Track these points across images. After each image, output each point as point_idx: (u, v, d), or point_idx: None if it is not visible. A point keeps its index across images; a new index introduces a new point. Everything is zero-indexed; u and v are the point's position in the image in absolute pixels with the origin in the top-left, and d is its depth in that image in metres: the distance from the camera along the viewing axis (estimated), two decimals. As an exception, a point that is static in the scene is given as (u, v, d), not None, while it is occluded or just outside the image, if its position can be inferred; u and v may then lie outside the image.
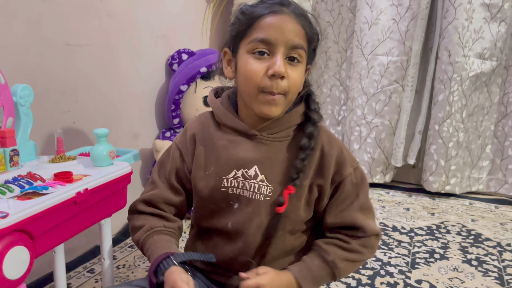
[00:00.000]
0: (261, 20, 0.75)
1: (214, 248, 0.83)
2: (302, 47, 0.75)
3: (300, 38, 0.75)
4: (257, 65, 0.74)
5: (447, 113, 1.97)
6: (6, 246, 0.63)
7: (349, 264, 0.82)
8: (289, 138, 0.81)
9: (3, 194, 0.70)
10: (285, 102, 0.76)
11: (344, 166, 0.80)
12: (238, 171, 0.79)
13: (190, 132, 0.85)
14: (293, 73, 0.75)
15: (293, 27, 0.74)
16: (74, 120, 1.37)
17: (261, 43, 0.74)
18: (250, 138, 0.80)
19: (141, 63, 1.67)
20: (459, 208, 1.96)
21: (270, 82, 0.73)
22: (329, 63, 2.32)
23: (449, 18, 1.89)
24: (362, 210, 0.82)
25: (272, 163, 0.79)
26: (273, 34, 0.73)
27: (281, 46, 0.73)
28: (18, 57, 1.16)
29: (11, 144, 0.84)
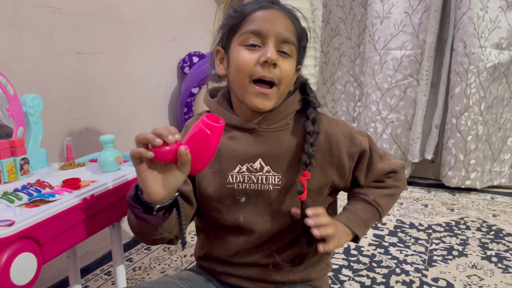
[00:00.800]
0: (252, 14, 0.77)
1: (226, 245, 0.83)
2: (293, 42, 0.77)
3: (290, 33, 0.77)
4: (249, 55, 0.75)
5: (464, 106, 1.92)
6: (13, 253, 0.65)
7: (389, 198, 0.86)
8: (288, 126, 0.81)
9: (12, 202, 0.73)
10: (277, 94, 0.77)
11: (354, 136, 0.82)
12: (242, 166, 0.80)
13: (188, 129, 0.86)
14: (285, 63, 0.76)
15: (284, 21, 0.77)
16: (87, 126, 1.40)
17: (253, 34, 0.75)
18: (250, 132, 0.81)
19: (152, 68, 1.70)
20: (480, 203, 1.91)
21: (262, 69, 0.74)
22: (343, 59, 2.30)
23: (464, 8, 1.84)
24: (382, 158, 0.85)
25: (275, 153, 0.80)
26: (264, 26, 0.75)
27: (272, 37, 0.75)
28: (30, 68, 1.20)
29: (21, 153, 0.87)
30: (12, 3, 1.13)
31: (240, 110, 0.82)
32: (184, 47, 1.87)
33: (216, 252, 0.86)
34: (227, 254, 0.84)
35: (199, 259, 0.91)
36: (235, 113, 0.82)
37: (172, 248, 1.52)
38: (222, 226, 0.84)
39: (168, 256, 1.47)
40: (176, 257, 1.46)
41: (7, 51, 1.13)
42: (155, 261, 1.43)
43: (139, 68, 1.63)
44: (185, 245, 0.70)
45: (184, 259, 1.44)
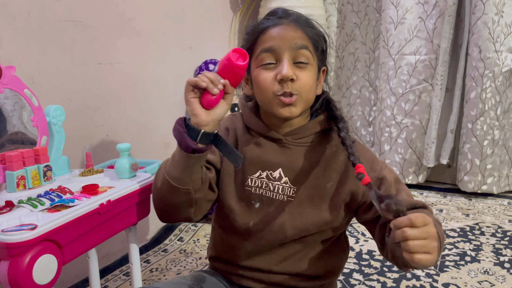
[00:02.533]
0: (264, 33, 0.81)
1: (236, 249, 0.87)
2: (307, 47, 0.79)
3: (303, 39, 0.80)
4: (266, 75, 0.79)
5: (480, 111, 1.91)
6: (36, 254, 0.71)
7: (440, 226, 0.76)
8: (312, 144, 0.85)
9: (35, 207, 0.79)
10: (301, 101, 0.80)
11: (375, 163, 0.84)
12: (263, 172, 0.84)
13: (224, 127, 0.91)
14: (302, 74, 0.79)
15: (295, 33, 0.79)
16: (107, 133, 1.47)
17: (267, 53, 0.79)
18: (276, 142, 0.85)
19: (169, 76, 1.76)
20: (497, 209, 1.90)
21: (281, 86, 0.78)
22: (358, 64, 2.32)
23: (478, 13, 1.84)
24: (409, 196, 0.83)
25: (295, 166, 0.83)
26: (276, 42, 0.79)
27: (285, 51, 0.78)
28: (54, 79, 1.27)
29: (45, 160, 0.93)
30: (37, 18, 1.21)
31: (269, 120, 0.86)
32: (201, 55, 1.93)
33: (227, 255, 0.90)
34: (237, 258, 0.87)
35: (211, 259, 0.95)
36: (264, 121, 0.87)
37: (188, 250, 1.57)
38: (233, 229, 0.87)
39: (184, 258, 1.52)
40: (192, 259, 1.51)
41: (32, 64, 1.20)
42: (171, 263, 1.49)
43: (157, 76, 1.69)
44: (240, 160, 0.75)
45: (199, 261, 1.49)
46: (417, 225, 0.62)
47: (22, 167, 0.89)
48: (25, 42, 1.19)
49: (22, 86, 0.96)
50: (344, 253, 0.94)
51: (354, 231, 1.69)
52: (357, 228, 1.72)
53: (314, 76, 0.82)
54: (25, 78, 1.15)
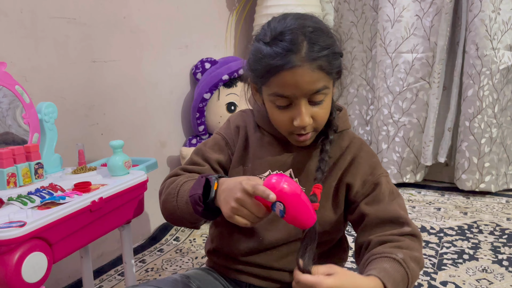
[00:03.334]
0: (277, 76, 0.73)
1: (238, 244, 0.86)
2: (324, 88, 0.75)
3: (319, 81, 0.74)
4: (281, 116, 0.77)
5: (477, 109, 1.91)
6: (25, 252, 0.69)
7: (416, 266, 0.73)
8: (318, 146, 0.84)
9: (25, 204, 0.77)
10: (316, 132, 0.80)
11: (377, 168, 0.83)
12: (272, 171, 0.83)
13: (234, 125, 0.89)
14: (319, 112, 0.76)
15: (310, 77, 0.72)
16: (102, 132, 1.45)
17: (280, 98, 0.75)
18: (287, 143, 0.84)
19: (165, 74, 1.75)
20: (495, 207, 1.89)
21: (298, 128, 0.76)
22: (355, 63, 2.31)
23: (475, 10, 1.83)
24: (401, 208, 0.80)
25: (305, 167, 0.83)
26: (291, 91, 0.73)
27: (301, 97, 0.74)
28: (47, 77, 1.26)
29: (36, 158, 0.92)
30: (29, 15, 1.19)
31: None
32: (197, 53, 1.92)
33: (228, 249, 0.88)
34: (238, 253, 0.86)
35: (209, 253, 0.93)
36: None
37: (184, 250, 1.56)
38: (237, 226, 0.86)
39: (180, 257, 1.51)
40: (187, 259, 1.49)
41: (24, 61, 1.19)
42: (167, 263, 1.47)
43: (152, 75, 1.68)
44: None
45: (195, 261, 1.48)
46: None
47: (12, 164, 0.88)
48: (18, 39, 1.17)
49: (13, 82, 0.95)
50: (344, 253, 0.94)
51: (352, 230, 1.68)
52: (355, 227, 1.71)
53: (330, 102, 0.79)
54: (18, 75, 1.13)
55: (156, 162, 1.16)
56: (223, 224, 0.88)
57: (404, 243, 0.74)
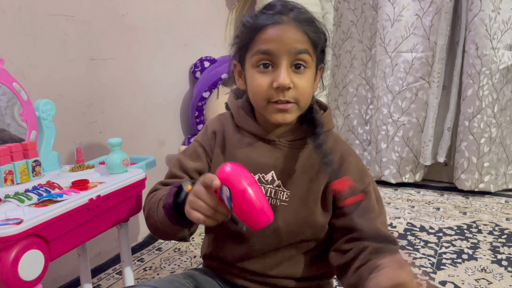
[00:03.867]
0: (262, 32, 0.75)
1: (230, 250, 0.85)
2: (306, 51, 0.74)
3: (302, 43, 0.74)
4: (262, 79, 0.75)
5: (477, 108, 1.90)
6: (21, 249, 0.69)
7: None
8: (307, 146, 0.81)
9: (22, 202, 0.77)
10: (298, 108, 0.76)
11: (365, 175, 0.81)
12: (255, 175, 0.80)
13: (211, 130, 0.86)
14: (300, 81, 0.75)
15: (294, 35, 0.74)
16: (100, 130, 1.45)
17: (264, 55, 0.74)
18: (269, 143, 0.81)
19: (164, 73, 1.74)
20: (494, 207, 1.89)
21: (277, 93, 0.74)
22: (354, 62, 2.30)
23: (475, 10, 1.83)
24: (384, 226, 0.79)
25: (289, 169, 0.80)
26: (275, 45, 0.73)
27: (284, 55, 0.73)
28: (45, 74, 1.25)
29: (33, 155, 0.91)
30: (28, 12, 1.19)
31: (262, 118, 0.82)
32: (196, 52, 1.91)
33: (222, 255, 0.87)
34: (232, 259, 0.85)
35: (205, 258, 0.92)
36: (258, 121, 0.83)
37: (182, 249, 1.55)
38: (226, 234, 0.84)
39: (178, 256, 1.50)
40: (186, 258, 1.49)
41: (22, 58, 1.18)
42: (166, 262, 1.47)
43: (151, 73, 1.67)
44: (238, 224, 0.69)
45: (194, 260, 1.47)
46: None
47: (9, 162, 0.87)
48: (16, 36, 1.16)
49: (11, 79, 0.95)
50: None
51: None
52: (354, 226, 1.71)
53: (312, 79, 0.78)
54: (16, 73, 1.13)
55: (154, 160, 1.16)
56: (216, 230, 0.87)
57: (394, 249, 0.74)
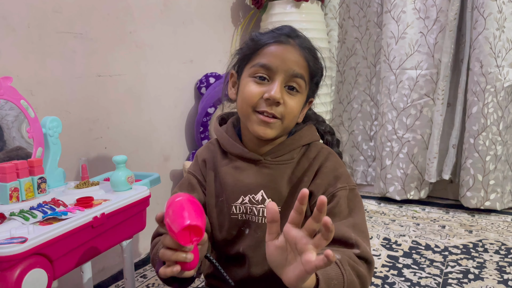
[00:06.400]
0: (266, 47, 0.78)
1: (229, 272, 0.84)
2: (302, 77, 0.77)
3: (301, 68, 0.77)
4: (255, 88, 0.77)
5: (482, 126, 1.90)
6: (25, 268, 0.69)
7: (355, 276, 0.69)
8: (293, 161, 0.82)
9: (27, 220, 0.77)
10: (281, 126, 0.78)
11: (340, 180, 0.80)
12: (245, 197, 0.81)
13: (201, 159, 0.88)
14: (291, 101, 0.77)
15: (295, 58, 0.77)
16: (106, 145, 1.46)
17: (262, 68, 0.77)
18: (255, 163, 0.82)
19: (169, 89, 1.76)
20: (500, 225, 1.87)
21: (265, 104, 0.76)
22: (359, 79, 2.32)
23: (479, 28, 1.84)
24: (355, 229, 0.75)
25: (277, 186, 0.80)
26: (275, 62, 0.76)
27: (281, 73, 0.76)
28: (53, 91, 1.26)
29: (39, 172, 0.92)
30: (37, 30, 1.21)
31: (248, 138, 0.83)
32: (201, 68, 1.93)
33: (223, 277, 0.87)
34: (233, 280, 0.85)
35: (207, 277, 0.92)
36: (243, 142, 0.84)
37: (186, 266, 1.54)
38: (227, 254, 0.85)
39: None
40: (189, 275, 1.48)
41: (31, 75, 1.20)
42: (168, 278, 1.46)
43: (157, 89, 1.68)
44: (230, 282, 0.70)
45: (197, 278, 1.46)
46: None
47: (15, 179, 0.88)
48: (24, 53, 1.18)
49: (19, 97, 0.96)
50: None
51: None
52: (358, 244, 1.70)
53: (301, 104, 0.80)
54: (24, 90, 1.14)
55: (159, 177, 1.16)
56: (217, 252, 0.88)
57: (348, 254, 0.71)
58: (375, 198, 2.28)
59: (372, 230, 1.84)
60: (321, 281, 0.63)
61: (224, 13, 2.12)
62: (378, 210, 2.10)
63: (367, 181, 2.40)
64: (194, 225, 0.57)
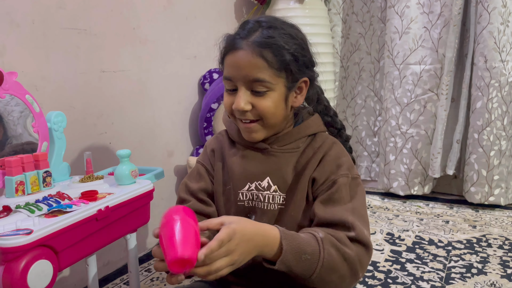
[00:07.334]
0: (225, 57, 0.79)
1: None
2: (262, 79, 0.76)
3: (258, 70, 0.75)
4: (228, 99, 0.80)
5: (486, 121, 1.89)
6: (31, 260, 0.70)
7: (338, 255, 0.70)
8: (299, 149, 0.83)
9: (32, 212, 0.78)
10: (266, 126, 0.80)
11: (342, 168, 0.80)
12: (251, 184, 0.83)
13: (209, 148, 0.91)
14: (261, 103, 0.77)
15: (249, 62, 0.75)
16: (110, 141, 1.47)
17: (226, 81, 0.79)
18: (262, 152, 0.84)
19: (173, 84, 1.76)
20: (504, 220, 1.87)
21: (238, 113, 0.79)
22: (363, 74, 2.31)
23: (483, 23, 1.83)
24: (353, 213, 0.76)
25: (283, 173, 0.82)
26: (232, 72, 0.77)
27: (240, 82, 0.76)
28: (58, 86, 1.27)
29: (44, 166, 0.93)
30: (41, 25, 1.22)
31: None
32: (205, 64, 1.93)
33: None
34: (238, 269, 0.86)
35: None
36: None
37: (190, 260, 1.56)
38: None
39: (185, 267, 1.50)
40: (193, 269, 1.49)
41: (35, 70, 1.21)
42: (173, 272, 1.47)
43: (161, 85, 1.69)
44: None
45: (201, 271, 1.47)
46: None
47: (21, 173, 0.89)
48: (29, 49, 1.19)
49: (24, 92, 0.97)
50: None
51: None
52: (361, 238, 1.70)
53: (279, 98, 0.79)
54: (29, 85, 1.15)
55: (162, 172, 1.17)
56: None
57: (338, 235, 0.72)
58: (379, 193, 2.28)
59: (375, 225, 1.84)
60: (286, 251, 0.66)
61: (227, 8, 2.12)
62: (381, 206, 2.10)
63: (371, 177, 2.40)
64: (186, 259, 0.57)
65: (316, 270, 0.69)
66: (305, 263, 0.68)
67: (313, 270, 0.69)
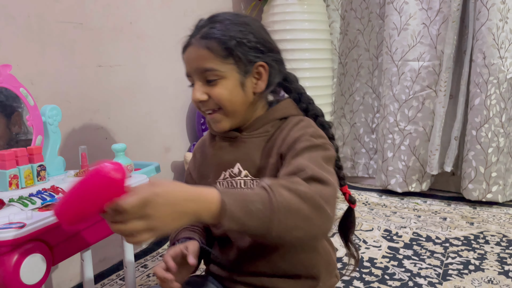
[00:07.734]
0: (182, 56, 0.84)
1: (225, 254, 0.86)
2: (211, 69, 0.78)
3: (205, 60, 0.78)
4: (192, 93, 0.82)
5: (484, 118, 1.89)
6: (23, 253, 0.69)
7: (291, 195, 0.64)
8: (268, 133, 0.84)
9: (26, 206, 0.78)
10: (228, 114, 0.81)
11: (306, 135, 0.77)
12: (225, 172, 0.84)
13: (195, 152, 0.94)
14: (215, 90, 0.79)
15: (197, 55, 0.79)
16: (106, 136, 1.46)
17: (187, 77, 0.83)
18: (233, 140, 0.85)
19: (170, 80, 1.75)
20: (502, 217, 1.86)
21: (200, 106, 0.82)
22: (361, 71, 2.31)
23: (482, 19, 1.82)
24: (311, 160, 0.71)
25: (253, 158, 0.82)
26: (187, 68, 0.82)
27: (194, 75, 0.80)
28: (54, 80, 1.26)
29: (38, 160, 0.92)
30: (37, 19, 1.21)
31: None
32: (202, 59, 1.92)
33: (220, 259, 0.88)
34: (229, 262, 0.86)
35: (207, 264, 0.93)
36: None
37: (186, 256, 1.55)
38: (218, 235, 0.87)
39: (182, 263, 1.50)
40: (189, 265, 1.48)
41: (31, 65, 1.20)
42: (169, 268, 1.46)
43: (158, 80, 1.68)
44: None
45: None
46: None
47: (15, 166, 0.88)
48: (25, 43, 1.18)
49: (18, 85, 0.96)
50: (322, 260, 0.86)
51: (356, 238, 1.67)
52: (359, 235, 1.70)
53: (233, 84, 0.79)
54: (24, 79, 1.14)
55: (158, 166, 1.16)
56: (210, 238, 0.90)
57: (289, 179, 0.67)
58: (377, 190, 2.28)
59: (373, 222, 1.84)
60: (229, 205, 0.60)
61: (226, 4, 2.11)
62: (379, 203, 2.10)
63: (369, 174, 2.40)
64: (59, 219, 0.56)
65: (274, 218, 0.62)
66: (257, 214, 0.62)
67: (270, 218, 0.62)
